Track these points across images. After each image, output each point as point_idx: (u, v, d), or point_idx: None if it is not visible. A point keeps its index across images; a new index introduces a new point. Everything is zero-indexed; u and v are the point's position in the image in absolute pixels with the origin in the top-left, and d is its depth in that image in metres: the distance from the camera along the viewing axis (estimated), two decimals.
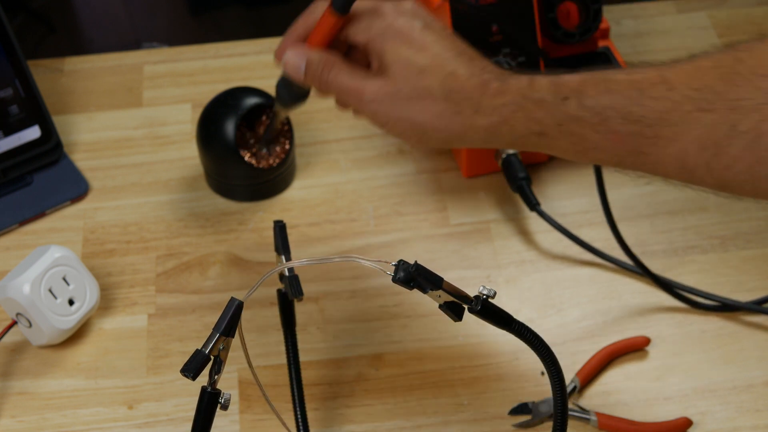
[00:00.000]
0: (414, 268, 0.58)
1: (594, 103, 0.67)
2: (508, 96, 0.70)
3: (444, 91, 0.70)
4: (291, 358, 0.84)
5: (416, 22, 0.73)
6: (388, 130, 0.74)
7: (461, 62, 0.71)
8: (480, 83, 0.70)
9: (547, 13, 1.03)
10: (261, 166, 0.99)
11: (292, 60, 0.77)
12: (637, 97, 0.66)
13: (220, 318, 0.60)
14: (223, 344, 0.61)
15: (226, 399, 0.62)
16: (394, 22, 0.73)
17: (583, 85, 0.68)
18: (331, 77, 0.75)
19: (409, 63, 0.71)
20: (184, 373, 0.60)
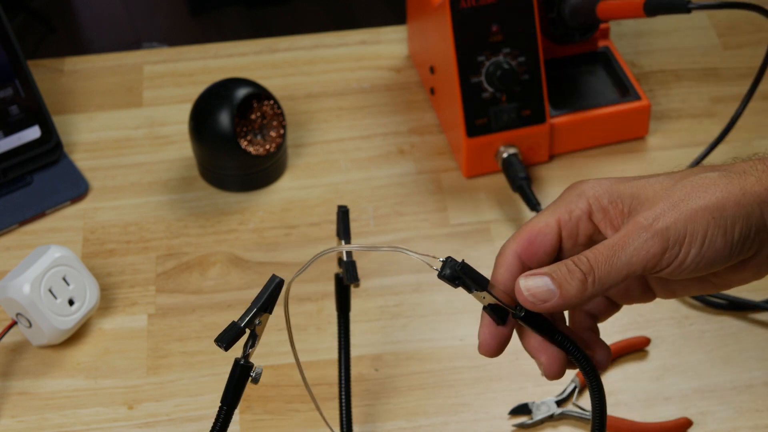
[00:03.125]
0: (461, 266, 0.58)
1: None
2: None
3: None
4: (342, 343, 0.83)
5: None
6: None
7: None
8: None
9: (547, 13, 1.03)
10: (258, 153, 0.99)
11: (533, 287, 0.58)
12: None
13: (260, 293, 0.61)
14: (259, 319, 0.61)
15: (257, 373, 0.63)
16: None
17: None
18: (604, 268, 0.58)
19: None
20: (218, 343, 0.60)
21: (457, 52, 0.98)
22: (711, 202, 0.57)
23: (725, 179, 0.58)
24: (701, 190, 0.58)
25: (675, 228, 0.57)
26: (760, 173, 0.59)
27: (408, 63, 1.14)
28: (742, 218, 0.57)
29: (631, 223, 0.58)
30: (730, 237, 0.57)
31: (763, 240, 0.59)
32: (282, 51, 1.16)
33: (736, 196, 0.58)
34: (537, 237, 0.60)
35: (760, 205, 0.58)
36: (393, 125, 1.09)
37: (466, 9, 0.97)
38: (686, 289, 0.63)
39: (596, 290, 0.57)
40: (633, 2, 0.94)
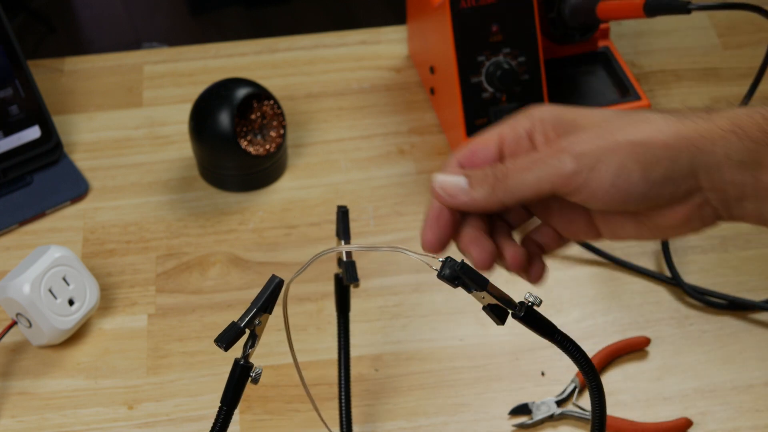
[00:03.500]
0: (460, 266, 0.58)
1: None
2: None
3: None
4: (342, 343, 0.83)
5: None
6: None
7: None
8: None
9: (547, 13, 1.03)
10: (258, 153, 0.99)
11: (445, 181, 0.60)
12: None
13: (259, 293, 0.61)
14: (259, 319, 0.61)
15: (257, 373, 0.63)
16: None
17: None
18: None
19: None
20: (218, 343, 0.60)
21: (457, 52, 0.98)
22: (638, 137, 0.57)
23: (662, 120, 0.58)
24: (634, 125, 0.58)
25: (590, 153, 0.57)
26: (699, 120, 0.58)
27: (408, 63, 1.14)
28: (667, 160, 0.56)
29: (554, 144, 0.58)
30: (649, 174, 0.56)
31: (691, 188, 0.57)
32: (282, 51, 1.16)
33: (667, 136, 0.57)
34: (478, 148, 0.61)
35: (691, 150, 0.57)
36: (393, 125, 1.09)
37: (466, 9, 0.97)
38: (623, 229, 0.62)
39: (504, 198, 0.58)
40: (633, 3, 0.94)
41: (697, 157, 0.57)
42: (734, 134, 0.56)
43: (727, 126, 0.57)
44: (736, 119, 0.57)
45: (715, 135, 0.57)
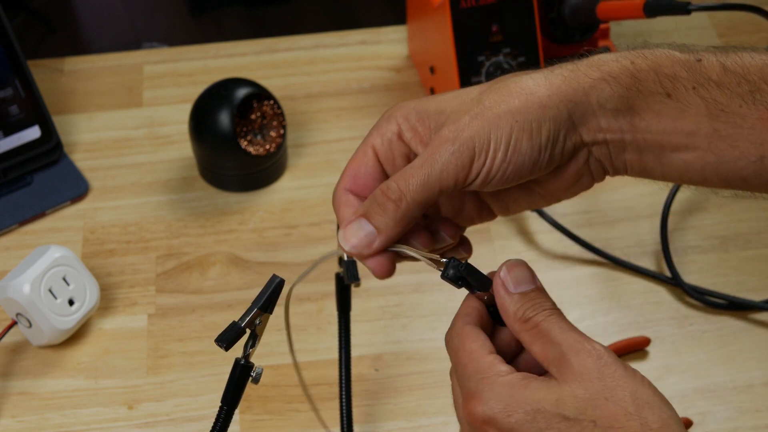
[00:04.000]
0: (464, 267, 0.58)
1: (739, 68, 0.55)
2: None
3: None
4: (342, 343, 0.83)
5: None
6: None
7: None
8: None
9: (547, 13, 1.03)
10: (258, 153, 0.99)
11: (351, 237, 0.59)
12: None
13: (260, 293, 0.61)
14: (259, 319, 0.61)
15: (258, 373, 0.63)
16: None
17: (718, 51, 0.57)
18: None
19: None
20: (218, 343, 0.60)
21: (457, 52, 0.98)
22: (514, 106, 0.56)
23: (531, 82, 0.57)
24: (506, 95, 0.56)
25: (479, 136, 0.56)
26: (568, 73, 0.57)
27: (408, 63, 1.14)
28: (548, 120, 0.56)
29: (436, 139, 0.57)
30: (537, 140, 0.56)
31: (576, 144, 0.57)
32: (282, 51, 1.16)
33: (541, 97, 0.56)
34: (359, 169, 0.60)
35: (567, 105, 0.56)
36: None
37: (466, 9, 0.97)
38: (516, 202, 0.62)
39: (414, 212, 0.57)
40: (633, 3, 0.94)
41: (573, 110, 0.56)
42: (605, 82, 0.56)
43: (597, 74, 0.56)
44: (604, 66, 0.57)
45: (586, 85, 0.56)
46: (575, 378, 0.54)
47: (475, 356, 0.57)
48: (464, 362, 0.58)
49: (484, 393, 0.55)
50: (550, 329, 0.56)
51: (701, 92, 0.55)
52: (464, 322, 0.60)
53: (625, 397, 0.53)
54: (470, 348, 0.58)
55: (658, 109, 0.56)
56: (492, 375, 0.56)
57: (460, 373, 0.58)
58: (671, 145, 0.57)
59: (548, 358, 0.56)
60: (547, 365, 0.56)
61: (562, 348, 0.55)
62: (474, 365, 0.57)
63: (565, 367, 0.55)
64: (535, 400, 0.54)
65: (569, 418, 0.53)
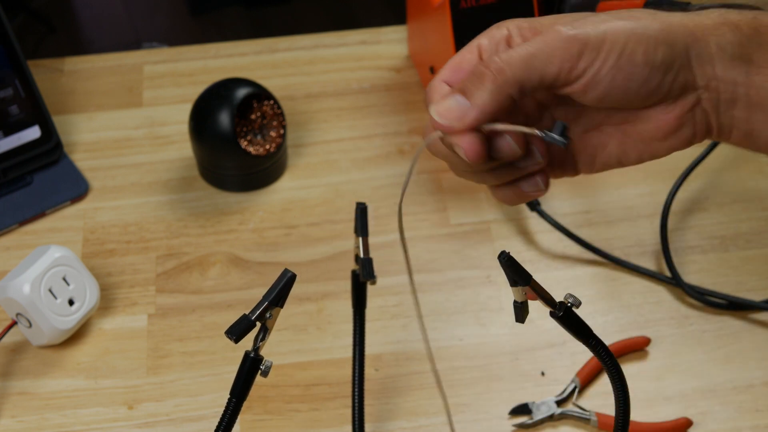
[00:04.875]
0: (506, 258, 0.58)
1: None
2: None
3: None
4: (357, 340, 0.82)
5: None
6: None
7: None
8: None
9: (547, 13, 1.03)
10: (258, 153, 0.99)
11: (443, 109, 0.57)
12: None
13: (271, 287, 0.61)
14: (270, 313, 0.61)
15: (267, 366, 0.63)
16: None
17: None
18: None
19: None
20: (228, 335, 0.60)
21: (457, 52, 0.98)
22: (633, 24, 0.55)
23: (646, 13, 0.56)
24: (625, 16, 0.55)
25: (594, 33, 0.54)
26: (686, 14, 0.56)
27: (408, 63, 1.14)
28: (665, 44, 0.55)
29: (549, 30, 0.55)
30: (652, 56, 0.54)
31: (687, 83, 0.56)
32: (282, 51, 1.16)
33: (659, 24, 0.55)
34: (461, 64, 0.58)
35: (687, 37, 0.55)
36: (393, 125, 1.09)
37: (466, 9, 0.97)
38: (605, 150, 0.59)
39: (511, 89, 0.54)
40: (633, 3, 0.94)
41: (692, 45, 0.55)
42: (726, 26, 0.55)
43: (719, 19, 0.56)
44: (727, 15, 0.56)
45: (707, 26, 0.55)
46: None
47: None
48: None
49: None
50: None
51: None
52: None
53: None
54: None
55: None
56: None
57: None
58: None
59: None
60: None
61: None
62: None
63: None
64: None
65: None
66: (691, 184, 1.03)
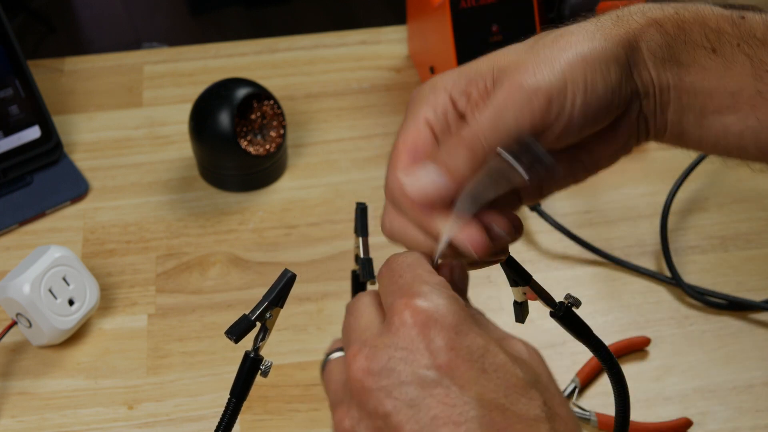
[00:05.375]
0: (507, 258, 0.58)
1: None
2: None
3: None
4: None
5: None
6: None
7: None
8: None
9: (547, 13, 1.03)
10: (258, 153, 0.99)
11: (415, 183, 0.55)
12: None
13: (271, 287, 0.61)
14: (270, 313, 0.62)
15: (267, 366, 0.63)
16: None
17: (762, 10, 0.55)
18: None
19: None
20: (228, 335, 0.60)
21: (457, 52, 0.98)
22: (579, 51, 0.54)
23: (582, 30, 0.55)
24: (564, 42, 0.54)
25: (554, 80, 0.53)
26: (615, 18, 0.55)
27: (408, 63, 1.14)
28: (613, 62, 0.54)
29: (506, 86, 0.53)
30: (609, 80, 0.54)
31: (633, 91, 0.55)
32: (282, 51, 1.16)
33: (600, 42, 0.54)
34: (416, 146, 0.55)
35: (624, 47, 0.54)
36: (393, 125, 1.09)
37: (466, 9, 0.97)
38: (553, 178, 0.58)
39: (486, 153, 0.52)
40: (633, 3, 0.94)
41: (629, 54, 0.55)
42: (653, 28, 0.55)
43: (643, 20, 0.55)
44: (649, 13, 0.56)
45: (635, 30, 0.55)
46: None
47: (416, 267, 0.52)
48: (399, 272, 0.52)
49: (424, 290, 0.50)
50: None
51: (746, 49, 0.54)
52: (421, 254, 0.55)
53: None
54: (412, 262, 0.53)
55: (703, 64, 0.55)
56: (435, 282, 0.51)
57: (385, 283, 0.52)
58: (714, 105, 0.55)
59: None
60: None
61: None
62: (412, 272, 0.52)
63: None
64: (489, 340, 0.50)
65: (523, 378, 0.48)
66: (691, 184, 1.03)
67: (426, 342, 0.48)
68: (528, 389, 0.48)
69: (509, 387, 0.48)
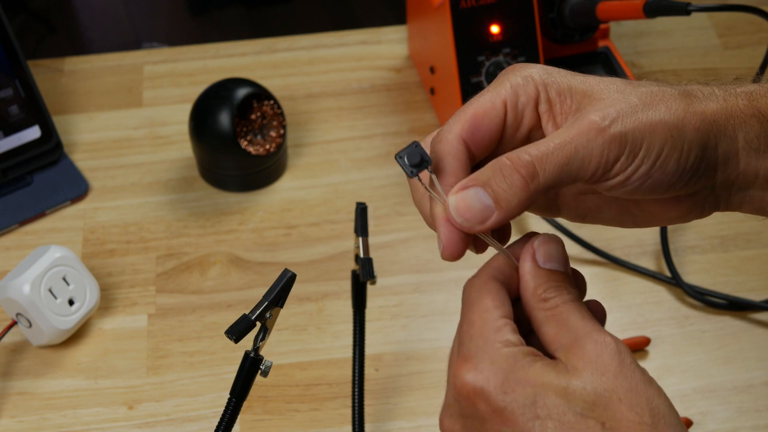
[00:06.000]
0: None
1: None
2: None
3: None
4: (357, 339, 0.82)
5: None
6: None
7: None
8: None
9: (547, 13, 1.03)
10: (258, 153, 0.99)
11: (464, 208, 0.52)
12: None
13: (271, 286, 0.62)
14: (270, 313, 0.62)
15: (267, 366, 0.63)
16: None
17: None
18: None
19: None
20: (228, 335, 0.61)
21: (457, 52, 0.98)
22: (671, 119, 0.51)
23: (685, 98, 0.52)
24: (661, 102, 0.51)
25: (633, 135, 0.50)
26: (721, 101, 0.52)
27: (408, 63, 1.14)
28: (698, 146, 0.51)
29: (584, 122, 0.50)
30: (684, 163, 0.51)
31: (708, 179, 0.53)
32: (282, 51, 1.16)
33: (696, 119, 0.51)
34: (483, 120, 0.53)
35: (717, 135, 0.52)
36: (393, 125, 1.09)
37: (466, 9, 0.97)
38: (601, 214, 0.56)
39: (541, 194, 0.50)
40: (633, 3, 0.94)
41: (720, 142, 0.52)
42: (755, 118, 0.52)
43: (749, 110, 0.52)
44: (755, 102, 0.53)
45: (737, 118, 0.52)
46: (588, 367, 0.48)
47: (487, 316, 0.51)
48: (472, 318, 0.52)
49: (481, 360, 0.49)
50: (568, 313, 0.50)
51: None
52: (491, 276, 0.53)
53: (641, 403, 0.47)
54: (486, 305, 0.51)
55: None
56: (496, 342, 0.50)
57: (463, 330, 0.52)
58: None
59: (560, 342, 0.50)
60: (555, 349, 0.50)
61: (578, 333, 0.49)
62: (481, 325, 0.51)
63: (577, 353, 0.49)
64: (540, 383, 0.48)
65: (576, 412, 0.47)
66: None
67: (479, 410, 0.50)
68: (584, 421, 0.48)
69: (564, 426, 0.48)
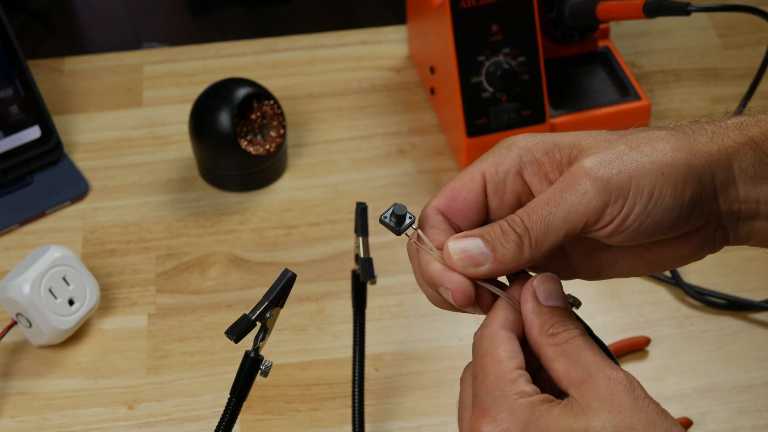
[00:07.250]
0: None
1: None
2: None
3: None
4: (357, 339, 0.82)
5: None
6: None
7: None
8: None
9: (547, 13, 1.03)
10: (258, 153, 0.99)
11: (465, 249, 0.53)
12: None
13: (271, 287, 0.62)
14: (270, 312, 0.62)
15: (267, 366, 0.63)
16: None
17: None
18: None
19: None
20: (228, 335, 0.61)
21: (457, 52, 0.98)
22: (659, 158, 0.51)
23: (674, 137, 0.52)
24: (647, 144, 0.52)
25: (618, 179, 0.50)
26: (711, 134, 0.53)
27: (408, 63, 1.14)
28: (693, 181, 0.51)
29: (569, 174, 0.51)
30: (681, 198, 0.51)
31: (711, 211, 0.53)
32: (282, 51, 1.16)
33: (687, 155, 0.52)
34: (460, 192, 0.54)
35: (712, 167, 0.52)
36: (393, 125, 1.09)
37: (466, 9, 0.97)
38: (615, 268, 0.57)
39: (534, 253, 0.52)
40: (633, 3, 0.94)
41: (717, 174, 0.53)
42: (748, 147, 0.53)
43: (740, 138, 0.53)
44: (746, 130, 0.53)
45: (730, 148, 0.53)
46: (604, 406, 0.49)
47: (502, 368, 0.51)
48: (487, 370, 0.52)
49: (500, 413, 0.50)
50: (577, 348, 0.51)
51: None
52: (502, 325, 0.53)
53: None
54: (500, 356, 0.52)
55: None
56: (513, 394, 0.50)
57: (479, 381, 0.53)
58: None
59: (571, 378, 0.50)
60: (567, 385, 0.50)
61: (590, 370, 0.50)
62: (497, 377, 0.51)
63: (591, 390, 0.49)
64: (561, 428, 0.48)
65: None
66: None
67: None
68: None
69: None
